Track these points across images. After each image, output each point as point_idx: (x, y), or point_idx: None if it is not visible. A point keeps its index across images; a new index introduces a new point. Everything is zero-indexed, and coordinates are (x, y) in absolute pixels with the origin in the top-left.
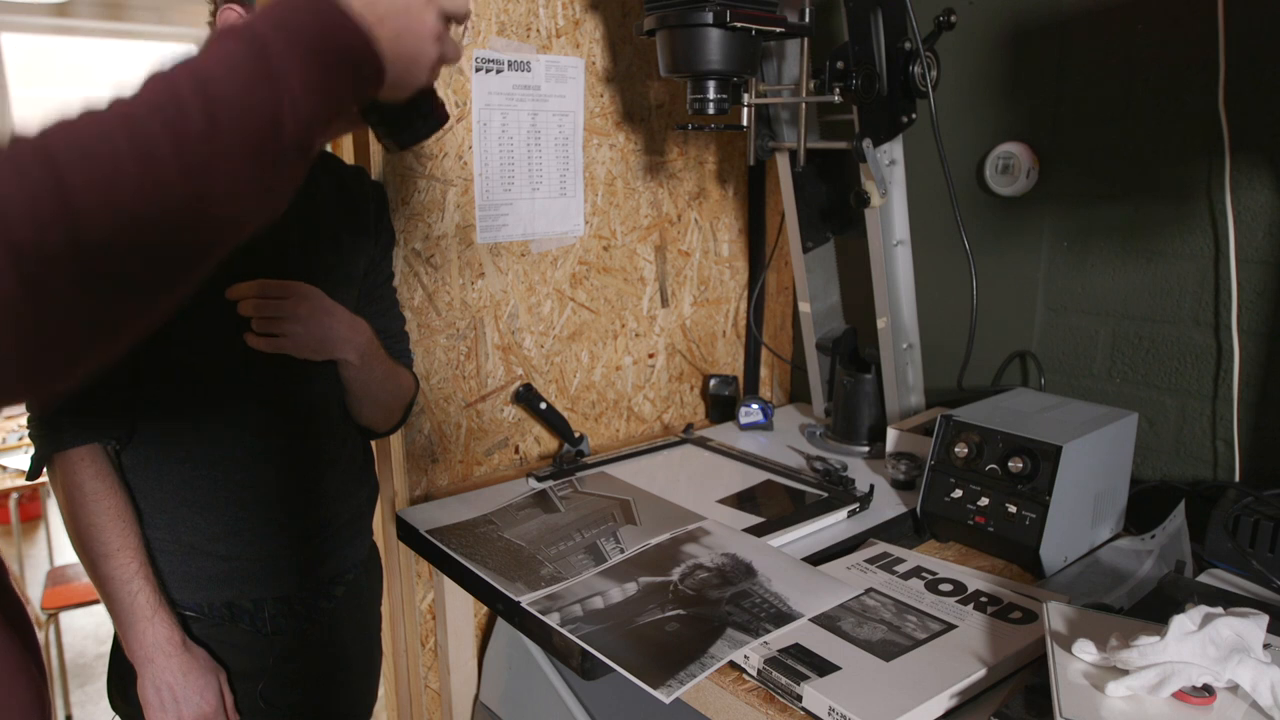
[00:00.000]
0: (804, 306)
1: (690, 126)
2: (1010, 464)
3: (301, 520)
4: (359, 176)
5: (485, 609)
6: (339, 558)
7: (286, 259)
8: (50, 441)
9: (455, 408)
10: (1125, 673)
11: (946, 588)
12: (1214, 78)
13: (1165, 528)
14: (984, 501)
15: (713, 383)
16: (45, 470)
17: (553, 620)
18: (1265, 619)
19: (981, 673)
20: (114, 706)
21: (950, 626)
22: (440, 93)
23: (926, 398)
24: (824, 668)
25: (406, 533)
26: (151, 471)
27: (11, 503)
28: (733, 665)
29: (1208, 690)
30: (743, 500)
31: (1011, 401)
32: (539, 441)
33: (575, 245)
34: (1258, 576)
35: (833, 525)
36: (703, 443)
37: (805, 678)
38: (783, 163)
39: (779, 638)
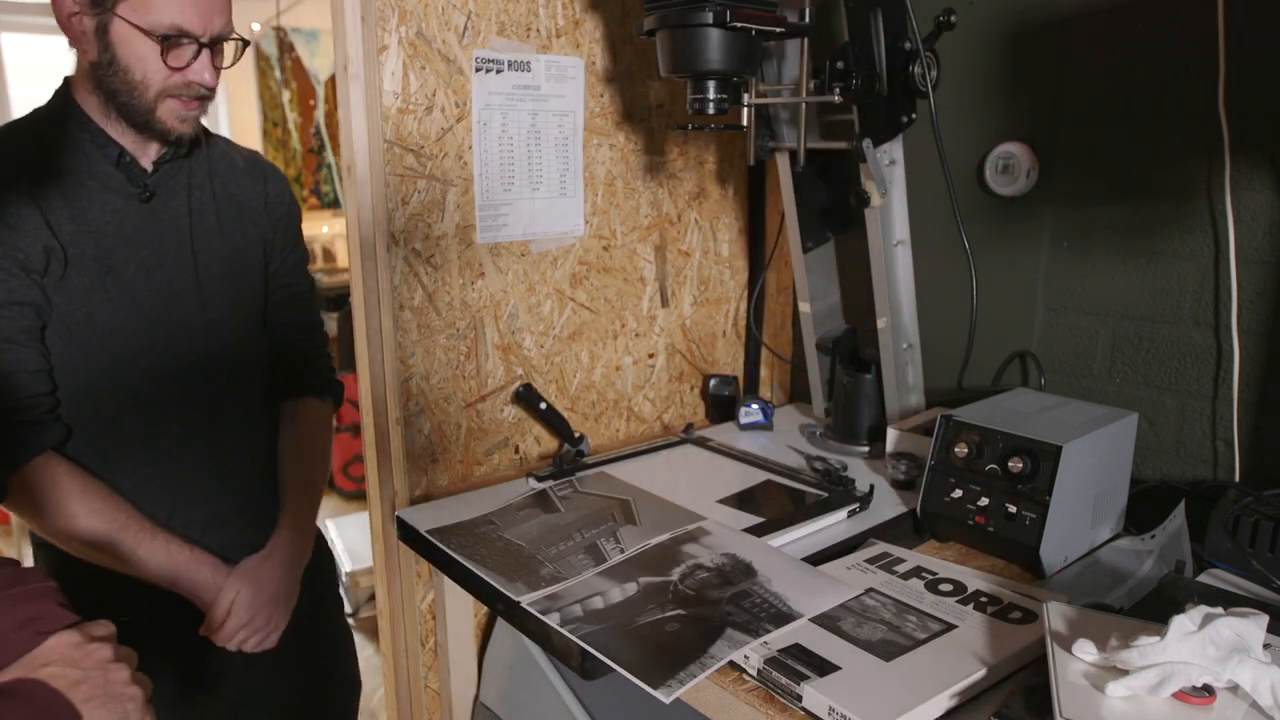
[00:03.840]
0: (804, 306)
1: (690, 126)
2: (1010, 464)
3: (207, 510)
4: (252, 159)
5: (485, 609)
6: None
7: (197, 264)
8: (8, 462)
9: (455, 408)
10: (1125, 673)
11: (946, 588)
12: (1214, 78)
13: (1165, 528)
14: (984, 501)
15: (713, 383)
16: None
17: (553, 620)
18: (1265, 619)
19: (981, 673)
20: None
21: (950, 626)
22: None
23: (926, 398)
24: (824, 668)
25: (406, 533)
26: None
27: None
28: (733, 665)
29: (1208, 690)
30: (743, 500)
31: (1011, 401)
32: (539, 441)
33: (575, 245)
34: (1258, 576)
35: (833, 525)
36: (703, 443)
37: (805, 678)
38: (783, 163)
39: (779, 638)
